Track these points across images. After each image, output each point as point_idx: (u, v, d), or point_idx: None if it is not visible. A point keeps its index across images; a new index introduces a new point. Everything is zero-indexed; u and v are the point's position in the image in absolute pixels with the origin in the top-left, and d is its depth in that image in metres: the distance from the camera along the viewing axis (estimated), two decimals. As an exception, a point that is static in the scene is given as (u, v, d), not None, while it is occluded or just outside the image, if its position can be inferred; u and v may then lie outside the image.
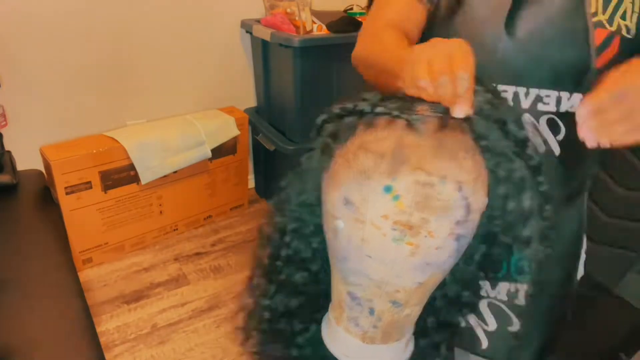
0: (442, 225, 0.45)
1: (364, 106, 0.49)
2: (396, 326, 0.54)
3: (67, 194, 1.58)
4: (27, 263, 1.10)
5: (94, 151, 1.59)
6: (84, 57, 1.71)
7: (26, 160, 1.51)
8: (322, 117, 0.54)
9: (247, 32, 1.95)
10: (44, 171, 1.57)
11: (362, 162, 0.46)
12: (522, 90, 0.64)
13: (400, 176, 0.45)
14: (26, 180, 1.42)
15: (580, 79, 0.62)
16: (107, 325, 1.52)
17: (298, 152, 1.85)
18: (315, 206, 0.56)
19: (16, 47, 1.58)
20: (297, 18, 1.77)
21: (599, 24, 0.60)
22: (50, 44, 1.63)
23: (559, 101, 0.64)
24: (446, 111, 0.47)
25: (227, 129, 1.91)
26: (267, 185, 2.25)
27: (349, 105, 0.51)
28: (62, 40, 1.65)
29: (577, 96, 0.63)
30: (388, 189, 0.45)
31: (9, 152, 1.42)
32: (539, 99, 0.64)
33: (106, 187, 1.67)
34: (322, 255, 0.59)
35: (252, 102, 2.19)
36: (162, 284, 1.72)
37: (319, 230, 0.57)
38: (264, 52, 1.91)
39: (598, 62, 0.61)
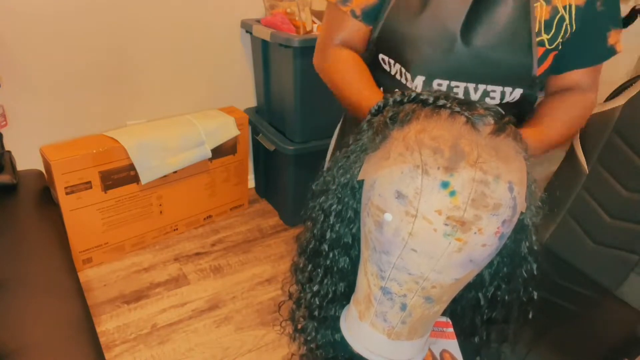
0: (492, 222, 0.47)
1: (427, 96, 0.51)
2: (424, 322, 0.55)
3: (67, 194, 1.58)
4: (27, 263, 1.10)
5: (94, 151, 1.59)
6: (84, 57, 1.71)
7: (26, 160, 1.51)
8: (380, 102, 0.56)
9: (247, 32, 1.95)
10: (44, 171, 1.57)
11: (419, 155, 0.47)
12: (471, 86, 0.72)
13: (458, 172, 0.46)
14: (26, 180, 1.42)
15: (522, 79, 0.72)
16: (107, 325, 1.52)
17: (298, 152, 1.85)
18: (357, 190, 0.57)
19: (16, 47, 1.58)
20: (297, 18, 1.77)
21: (541, 43, 0.69)
22: (50, 44, 1.63)
23: (503, 95, 0.73)
24: (503, 115, 0.49)
25: (227, 129, 1.90)
26: (267, 185, 2.25)
27: (412, 93, 0.52)
28: (62, 40, 1.65)
29: (518, 90, 0.72)
30: (445, 185, 0.46)
31: (9, 152, 1.42)
32: (486, 93, 0.72)
33: (106, 187, 1.67)
34: (359, 243, 0.59)
35: (252, 102, 2.19)
36: (162, 284, 1.71)
37: (357, 216, 0.58)
38: (264, 52, 1.91)
39: (538, 71, 0.71)
